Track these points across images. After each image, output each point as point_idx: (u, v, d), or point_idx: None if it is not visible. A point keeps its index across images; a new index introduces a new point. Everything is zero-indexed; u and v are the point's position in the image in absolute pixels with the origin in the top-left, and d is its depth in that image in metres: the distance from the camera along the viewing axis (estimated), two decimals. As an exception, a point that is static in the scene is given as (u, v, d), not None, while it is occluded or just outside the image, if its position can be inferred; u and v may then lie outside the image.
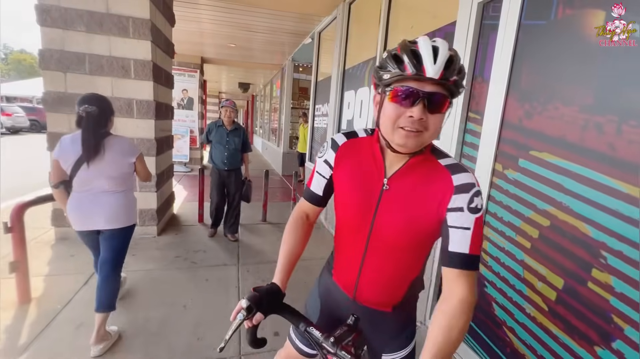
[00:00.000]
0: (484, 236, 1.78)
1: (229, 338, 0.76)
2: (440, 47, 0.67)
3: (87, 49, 3.09)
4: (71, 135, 1.77)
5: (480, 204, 0.75)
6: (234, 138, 3.48)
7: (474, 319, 1.86)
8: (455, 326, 0.70)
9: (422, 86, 0.67)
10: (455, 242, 0.73)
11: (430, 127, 0.70)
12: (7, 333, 1.93)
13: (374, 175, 0.82)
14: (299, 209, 0.98)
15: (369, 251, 0.86)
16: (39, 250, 3.10)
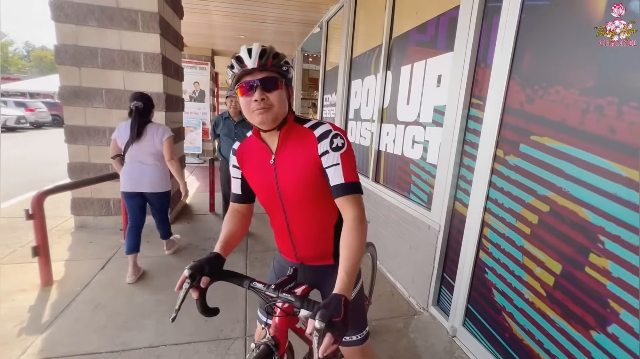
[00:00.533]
0: (485, 222, 1.78)
1: (178, 307, 0.86)
2: (253, 47, 0.89)
3: (99, 43, 3.18)
4: (125, 122, 2.47)
5: (340, 143, 0.92)
6: (242, 130, 3.31)
7: (473, 305, 1.87)
8: (354, 239, 0.87)
9: (253, 76, 0.89)
10: (332, 178, 0.92)
11: (274, 102, 0.90)
12: (31, 312, 2.08)
13: (265, 157, 1.01)
14: (230, 208, 1.15)
15: (288, 215, 1.04)
16: (59, 237, 3.28)
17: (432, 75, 2.29)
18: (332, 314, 0.70)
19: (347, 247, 0.86)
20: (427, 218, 2.26)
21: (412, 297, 2.46)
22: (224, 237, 1.03)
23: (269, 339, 0.98)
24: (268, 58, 0.88)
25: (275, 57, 0.90)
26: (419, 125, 2.45)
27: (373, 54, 3.30)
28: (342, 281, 0.80)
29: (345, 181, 0.90)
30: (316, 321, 0.68)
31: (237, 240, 1.07)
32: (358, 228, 0.88)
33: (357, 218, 0.89)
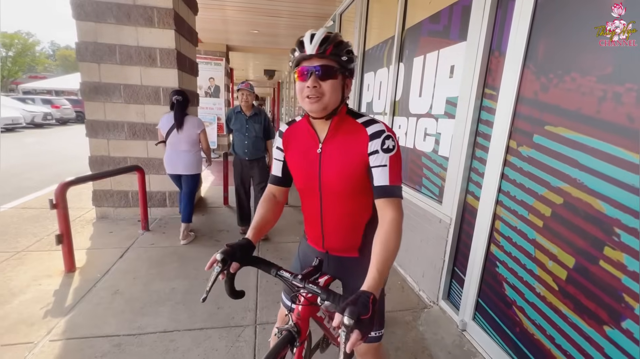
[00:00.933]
0: (497, 215, 1.74)
1: (209, 289, 0.88)
2: (317, 32, 0.89)
3: (117, 40, 3.28)
4: (167, 114, 2.98)
5: (391, 145, 0.92)
6: (254, 125, 3.17)
7: (484, 299, 1.84)
8: (390, 240, 0.87)
9: (311, 63, 0.89)
10: (377, 178, 0.92)
11: (326, 91, 0.90)
12: (55, 296, 2.20)
13: (312, 144, 1.02)
14: (266, 191, 1.16)
15: (324, 205, 1.05)
16: (82, 227, 3.43)
17: (445, 66, 2.24)
18: (360, 311, 0.69)
19: (384, 247, 0.86)
20: (439, 212, 2.23)
21: (422, 291, 2.44)
22: (256, 223, 1.04)
23: (292, 326, 1.01)
24: (328, 46, 0.87)
25: (337, 45, 0.89)
26: (431, 117, 2.41)
27: (385, 46, 3.25)
28: (373, 278, 0.80)
29: (390, 184, 0.91)
30: (345, 317, 0.68)
31: (269, 225, 1.08)
32: (396, 230, 0.88)
33: (395, 220, 0.89)
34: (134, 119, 3.51)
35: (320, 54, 0.87)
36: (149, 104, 3.49)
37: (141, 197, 3.32)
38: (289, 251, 3.08)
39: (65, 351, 1.72)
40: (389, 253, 0.85)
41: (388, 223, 0.89)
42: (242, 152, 3.20)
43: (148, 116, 3.52)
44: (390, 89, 3.02)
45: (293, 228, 3.62)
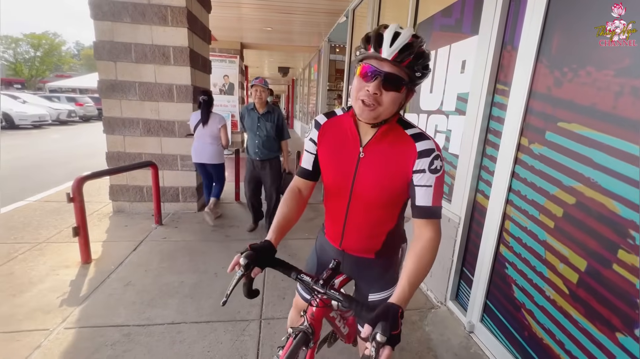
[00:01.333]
0: (506, 215, 1.68)
1: (229, 293, 0.85)
2: (402, 33, 0.79)
3: (133, 39, 3.36)
4: (195, 112, 3.42)
5: (439, 166, 0.87)
6: (266, 123, 3.01)
7: (492, 301, 1.79)
8: (424, 257, 0.85)
9: (381, 66, 0.80)
10: (420, 198, 0.88)
11: (384, 103, 0.82)
12: (71, 286, 2.29)
13: (352, 145, 0.95)
14: (292, 184, 1.09)
15: (350, 209, 1.00)
16: (99, 220, 3.56)
17: (456, 61, 2.18)
18: (392, 327, 0.69)
19: (418, 263, 0.84)
20: (447, 210, 2.18)
21: (430, 290, 2.40)
22: (278, 223, 0.98)
23: (306, 326, 1.02)
24: (408, 55, 0.78)
25: (418, 57, 0.80)
26: (441, 114, 2.35)
27: (397, 41, 3.19)
28: (402, 292, 0.78)
29: (433, 204, 0.87)
30: (378, 334, 0.68)
31: (291, 224, 1.02)
32: (431, 249, 0.87)
33: (433, 240, 0.87)
34: (149, 116, 3.60)
35: (396, 61, 0.78)
36: (162, 101, 3.57)
37: (154, 192, 3.41)
38: (298, 248, 3.09)
39: (78, 339, 1.79)
40: (421, 270, 0.83)
41: (426, 241, 0.87)
42: (253, 151, 3.07)
43: (162, 113, 3.60)
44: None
45: (302, 226, 3.63)
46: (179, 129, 3.67)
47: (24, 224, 3.34)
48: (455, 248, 2.10)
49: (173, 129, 3.67)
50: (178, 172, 3.81)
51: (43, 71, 37.50)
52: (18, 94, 15.86)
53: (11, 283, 2.29)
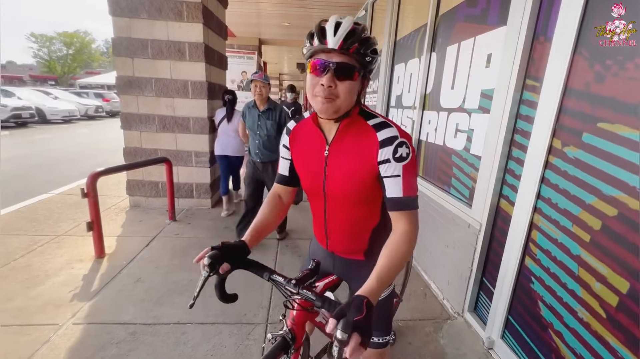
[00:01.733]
0: (534, 224, 1.53)
1: (197, 295, 0.83)
2: (344, 22, 0.78)
3: (149, 35, 3.37)
4: (220, 109, 3.62)
5: (405, 153, 0.82)
6: (267, 122, 2.76)
7: (515, 317, 1.65)
8: (400, 253, 0.80)
9: (330, 57, 0.78)
10: (390, 189, 0.84)
11: (341, 94, 0.80)
12: (84, 280, 2.32)
13: (319, 145, 0.94)
14: (272, 190, 1.10)
15: (328, 209, 1.00)
16: (116, 214, 3.62)
17: (481, 55, 2.01)
18: (352, 321, 0.64)
19: (389, 258, 0.80)
20: (467, 216, 2.03)
21: (447, 300, 2.26)
22: (255, 226, 0.97)
23: (286, 331, 0.97)
24: (354, 42, 0.77)
25: (364, 42, 0.79)
26: (463, 112, 2.19)
27: (417, 34, 3.03)
28: (370, 286, 0.74)
29: (404, 195, 0.83)
30: (338, 331, 0.63)
31: (269, 229, 1.01)
32: (406, 243, 0.82)
33: (408, 233, 0.83)
34: (164, 112, 3.62)
35: (343, 49, 0.77)
36: (178, 97, 3.57)
37: (168, 188, 3.42)
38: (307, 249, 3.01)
39: (85, 335, 1.79)
40: (393, 265, 0.79)
41: (399, 235, 0.83)
42: (254, 152, 2.85)
43: (177, 109, 3.61)
44: (420, 81, 2.81)
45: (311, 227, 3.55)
46: (193, 125, 3.67)
47: (46, 217, 3.45)
48: (475, 256, 1.95)
49: (188, 125, 3.68)
50: (192, 168, 3.82)
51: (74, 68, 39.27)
52: (50, 90, 16.66)
53: (28, 275, 2.34)
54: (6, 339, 1.74)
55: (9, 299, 2.06)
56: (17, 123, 11.51)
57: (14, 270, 2.40)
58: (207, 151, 3.77)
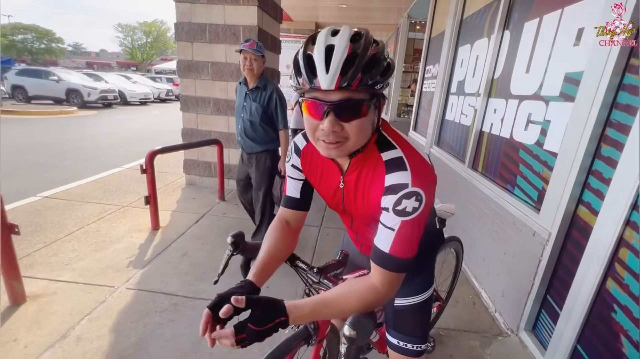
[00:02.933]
0: (624, 241, 1.23)
1: (221, 272, 0.84)
2: (336, 45, 0.59)
3: (207, 19, 3.47)
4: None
5: (411, 207, 0.66)
6: (252, 104, 2.26)
7: (586, 347, 1.38)
8: (349, 297, 0.69)
9: (327, 96, 0.61)
10: (379, 237, 0.70)
11: (351, 135, 0.65)
12: (140, 249, 2.53)
13: (333, 174, 0.82)
14: (278, 216, 0.94)
15: (355, 223, 0.91)
16: (173, 190, 3.91)
17: (570, 30, 1.66)
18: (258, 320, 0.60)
19: (342, 295, 0.69)
20: (534, 222, 1.74)
21: (499, 313, 2.01)
22: (261, 261, 0.81)
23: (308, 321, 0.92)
24: (356, 73, 0.59)
25: (370, 68, 0.61)
26: (539, 100, 1.86)
27: (489, 10, 2.65)
28: (302, 304, 0.65)
29: (390, 253, 0.68)
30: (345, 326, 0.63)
31: (278, 263, 0.85)
32: (371, 295, 0.69)
33: (378, 292, 0.69)
34: (219, 95, 3.74)
35: (342, 87, 0.59)
36: (231, 81, 3.66)
37: (219, 169, 3.57)
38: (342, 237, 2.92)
39: (134, 301, 1.95)
40: (336, 304, 0.68)
41: (370, 284, 0.70)
42: (237, 140, 2.42)
43: (230, 92, 3.70)
44: (488, 64, 2.47)
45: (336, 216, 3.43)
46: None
47: (117, 188, 3.85)
48: (540, 269, 1.68)
49: (240, 109, 3.76)
50: (241, 151, 3.92)
51: (151, 55, 43.40)
52: (131, 75, 18.64)
53: (96, 239, 2.63)
54: (73, 294, 1.97)
55: (80, 259, 2.33)
56: (103, 104, 13.12)
57: (86, 234, 2.71)
58: (256, 135, 3.83)
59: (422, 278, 1.00)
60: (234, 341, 0.58)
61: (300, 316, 0.64)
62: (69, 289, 2.02)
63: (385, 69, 0.63)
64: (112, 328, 1.72)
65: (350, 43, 0.60)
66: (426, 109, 4.48)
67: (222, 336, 0.59)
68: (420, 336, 0.98)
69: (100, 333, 1.68)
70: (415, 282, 0.99)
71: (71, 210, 3.13)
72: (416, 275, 0.99)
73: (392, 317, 1.01)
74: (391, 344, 1.01)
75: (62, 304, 1.88)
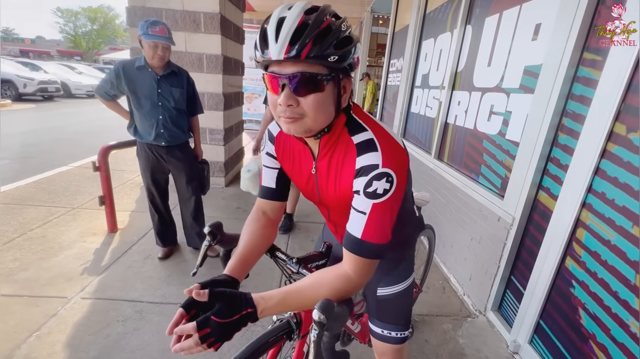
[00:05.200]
0: (581, 222, 1.33)
1: (199, 264, 0.81)
2: (288, 15, 0.59)
3: (164, 4, 3.22)
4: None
5: (382, 188, 0.64)
6: (172, 90, 2.02)
7: (548, 322, 1.48)
8: (320, 287, 0.67)
9: (281, 68, 0.61)
10: (351, 222, 0.68)
11: (307, 111, 0.62)
12: (95, 254, 2.31)
13: (307, 159, 0.80)
14: (255, 207, 0.92)
15: (332, 214, 0.89)
16: (131, 189, 3.62)
17: (528, 25, 1.75)
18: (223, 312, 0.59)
19: (309, 288, 0.67)
20: (498, 208, 1.84)
21: (467, 296, 2.11)
22: (241, 254, 0.79)
23: (291, 315, 0.87)
24: (305, 43, 0.57)
25: (321, 38, 0.58)
26: (500, 92, 1.96)
27: (451, 5, 2.74)
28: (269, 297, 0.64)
29: (362, 238, 0.66)
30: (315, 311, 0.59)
31: (257, 256, 0.84)
32: (343, 284, 0.68)
33: (350, 279, 0.68)
34: (179, 87, 3.50)
35: (292, 57, 0.57)
36: (192, 72, 3.41)
37: (182, 165, 3.36)
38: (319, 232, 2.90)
39: (92, 311, 1.77)
40: (306, 295, 0.67)
41: (341, 273, 0.68)
42: (154, 133, 2.04)
43: (192, 84, 3.48)
44: (452, 58, 2.56)
45: (329, 209, 3.43)
46: (208, 101, 3.55)
47: (64, 188, 3.48)
48: (504, 252, 1.78)
49: (202, 101, 3.54)
50: (206, 145, 3.72)
51: (98, 44, 39.87)
52: (75, 65, 16.98)
53: (42, 246, 2.35)
54: (16, 309, 1.74)
55: (23, 269, 2.07)
56: (43, 97, 11.82)
57: (29, 240, 2.41)
58: (221, 128, 3.66)
59: (404, 266, 1.00)
60: (198, 339, 0.56)
61: (269, 306, 0.62)
62: (11, 303, 1.78)
63: (341, 41, 0.60)
64: (67, 343, 1.55)
65: (303, 14, 0.59)
66: (391, 102, 4.57)
67: (185, 331, 0.56)
68: (404, 323, 0.99)
69: (53, 350, 1.51)
70: (397, 271, 0.99)
71: (9, 215, 2.77)
72: (398, 263, 0.99)
73: (375, 307, 1.00)
74: (375, 333, 1.01)
75: (3, 321, 1.66)
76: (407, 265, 1.01)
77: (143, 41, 1.88)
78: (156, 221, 2.31)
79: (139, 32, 1.87)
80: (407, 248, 1.02)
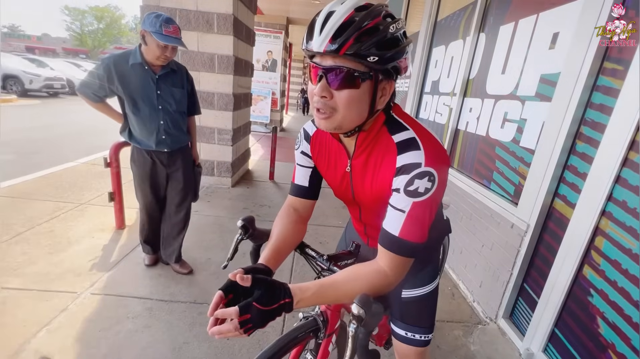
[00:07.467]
0: (599, 230, 1.33)
1: (230, 257, 0.82)
2: (337, 11, 0.59)
3: (178, 4, 3.25)
4: None
5: (423, 187, 0.64)
6: (173, 90, 1.83)
7: (564, 331, 1.47)
8: (356, 281, 0.67)
9: (323, 60, 0.62)
10: (388, 221, 0.68)
11: (339, 106, 0.63)
12: (104, 250, 2.30)
13: (340, 158, 0.80)
14: (285, 205, 0.93)
15: (363, 215, 0.90)
16: (138, 187, 3.61)
17: (545, 34, 1.77)
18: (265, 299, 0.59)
19: (345, 283, 0.67)
20: (512, 215, 1.84)
21: (477, 302, 2.10)
22: (275, 244, 0.80)
23: (318, 313, 0.90)
24: (347, 39, 0.57)
25: (364, 37, 0.58)
26: (515, 99, 1.97)
27: (464, 13, 2.76)
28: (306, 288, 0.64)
29: (399, 236, 0.66)
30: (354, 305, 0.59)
31: (290, 248, 0.85)
32: (380, 280, 0.67)
33: (387, 275, 0.68)
34: (190, 86, 3.52)
35: (331, 51, 0.58)
36: (203, 71, 3.47)
37: (190, 164, 3.36)
38: (330, 236, 2.90)
39: (102, 306, 1.76)
40: (342, 290, 0.66)
41: (378, 269, 0.68)
42: (155, 140, 1.84)
43: (202, 83, 3.51)
44: (464, 65, 2.57)
45: (336, 212, 3.43)
46: (217, 101, 3.57)
47: (71, 184, 3.48)
48: (517, 259, 1.77)
49: (212, 101, 3.58)
50: (214, 145, 3.74)
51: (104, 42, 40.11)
52: (81, 63, 17.05)
53: (51, 241, 2.34)
54: (26, 303, 1.73)
55: (32, 263, 2.06)
56: (48, 93, 11.87)
57: (37, 235, 2.41)
58: (230, 128, 3.67)
59: (429, 269, 1.00)
60: (237, 323, 0.56)
61: (304, 298, 0.63)
62: (20, 297, 1.77)
63: (385, 42, 0.59)
64: (78, 339, 1.54)
65: (353, 11, 0.59)
66: (399, 108, 4.58)
67: (226, 314, 0.57)
68: (428, 326, 0.98)
69: (64, 345, 1.49)
70: (422, 273, 0.98)
71: (16, 209, 2.77)
72: (424, 266, 0.98)
73: (399, 308, 1.00)
74: (398, 335, 1.00)
75: (12, 315, 1.64)
76: (433, 268, 1.00)
77: (151, 38, 1.65)
78: (147, 229, 2.11)
79: (146, 27, 1.63)
80: (434, 250, 1.02)
